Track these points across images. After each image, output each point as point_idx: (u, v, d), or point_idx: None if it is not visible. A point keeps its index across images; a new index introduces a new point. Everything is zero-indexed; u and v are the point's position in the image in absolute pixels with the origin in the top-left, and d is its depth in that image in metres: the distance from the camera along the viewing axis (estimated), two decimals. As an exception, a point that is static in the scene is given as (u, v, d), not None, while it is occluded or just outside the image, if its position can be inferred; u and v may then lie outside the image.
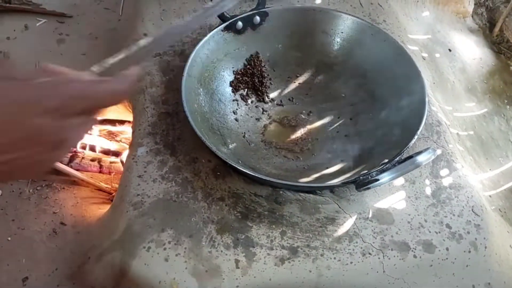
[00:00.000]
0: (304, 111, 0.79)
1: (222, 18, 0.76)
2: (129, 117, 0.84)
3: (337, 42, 0.81)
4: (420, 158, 0.55)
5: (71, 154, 0.85)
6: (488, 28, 1.26)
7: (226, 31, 0.77)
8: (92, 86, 0.35)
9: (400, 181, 0.69)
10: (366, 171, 0.59)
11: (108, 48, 1.04)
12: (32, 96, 0.32)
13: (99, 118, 0.90)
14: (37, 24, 1.12)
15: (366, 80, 0.78)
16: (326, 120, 0.78)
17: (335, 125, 0.77)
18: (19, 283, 0.68)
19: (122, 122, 0.90)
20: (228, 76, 0.79)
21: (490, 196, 0.84)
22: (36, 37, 1.08)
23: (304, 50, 0.82)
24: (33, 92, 0.32)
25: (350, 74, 0.80)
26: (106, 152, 0.86)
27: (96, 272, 0.64)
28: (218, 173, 0.67)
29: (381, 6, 0.98)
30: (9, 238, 0.74)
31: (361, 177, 0.57)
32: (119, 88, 0.37)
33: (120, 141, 0.90)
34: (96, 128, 0.90)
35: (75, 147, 0.35)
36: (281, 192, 0.66)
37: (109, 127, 0.90)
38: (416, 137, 0.62)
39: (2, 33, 1.03)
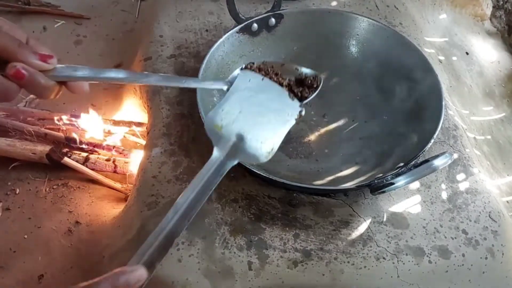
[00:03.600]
0: (318, 114, 0.79)
1: (237, 20, 0.76)
2: (144, 118, 0.85)
3: (353, 44, 0.80)
4: (436, 162, 0.55)
5: (86, 154, 0.86)
6: (507, 31, 1.24)
7: (241, 33, 0.77)
8: None
9: (415, 185, 0.68)
10: (381, 175, 0.59)
11: (124, 49, 1.05)
12: None
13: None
14: (55, 26, 1.14)
15: (381, 83, 0.77)
16: (340, 122, 0.77)
17: (350, 127, 0.77)
18: (35, 280, 0.70)
19: (138, 124, 0.90)
20: (242, 78, 0.79)
21: (507, 202, 0.83)
22: (54, 38, 1.10)
23: (319, 53, 0.81)
24: None
25: (365, 77, 0.79)
26: (121, 152, 0.87)
27: (109, 271, 0.64)
28: (232, 175, 0.67)
29: (397, 8, 0.97)
30: (26, 236, 0.75)
31: (375, 181, 0.56)
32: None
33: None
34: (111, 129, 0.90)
35: None
36: (294, 194, 0.65)
37: (124, 128, 0.91)
38: (432, 141, 0.61)
39: (21, 34, 1.05)
